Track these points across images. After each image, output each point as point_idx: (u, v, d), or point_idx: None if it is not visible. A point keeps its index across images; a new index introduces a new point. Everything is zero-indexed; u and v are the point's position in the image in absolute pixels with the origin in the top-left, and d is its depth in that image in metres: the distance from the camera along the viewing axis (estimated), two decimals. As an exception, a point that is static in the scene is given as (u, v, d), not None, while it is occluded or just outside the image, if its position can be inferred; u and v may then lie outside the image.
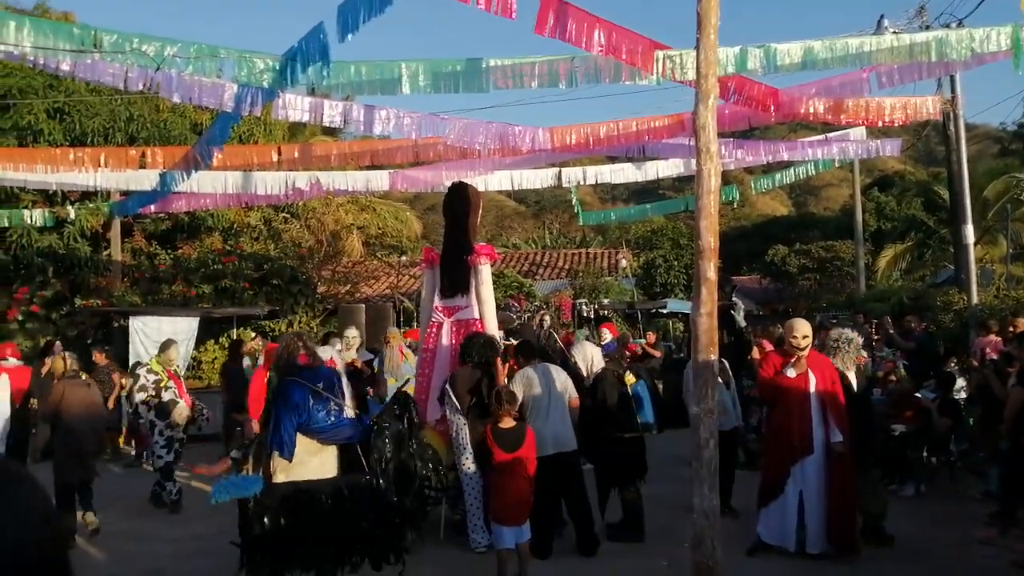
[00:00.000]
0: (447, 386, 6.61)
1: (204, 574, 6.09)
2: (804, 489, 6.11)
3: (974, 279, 13.79)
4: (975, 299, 13.36)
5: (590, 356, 7.32)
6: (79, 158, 9.46)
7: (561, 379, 6.59)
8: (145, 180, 10.08)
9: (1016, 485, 5.86)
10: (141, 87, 6.79)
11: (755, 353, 9.41)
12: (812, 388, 6.18)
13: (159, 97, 15.49)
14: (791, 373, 6.18)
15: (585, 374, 7.17)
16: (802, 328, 6.30)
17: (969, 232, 13.92)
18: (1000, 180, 21.33)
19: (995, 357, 8.77)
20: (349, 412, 5.35)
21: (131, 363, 9.68)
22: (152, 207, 11.81)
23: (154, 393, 8.13)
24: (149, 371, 8.31)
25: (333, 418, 5.07)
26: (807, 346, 6.25)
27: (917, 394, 8.85)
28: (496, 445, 5.65)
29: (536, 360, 6.74)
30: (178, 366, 9.00)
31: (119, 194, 13.68)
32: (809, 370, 6.18)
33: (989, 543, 6.16)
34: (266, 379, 7.52)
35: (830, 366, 6.45)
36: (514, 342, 8.33)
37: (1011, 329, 8.30)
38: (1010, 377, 6.88)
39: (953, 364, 10.23)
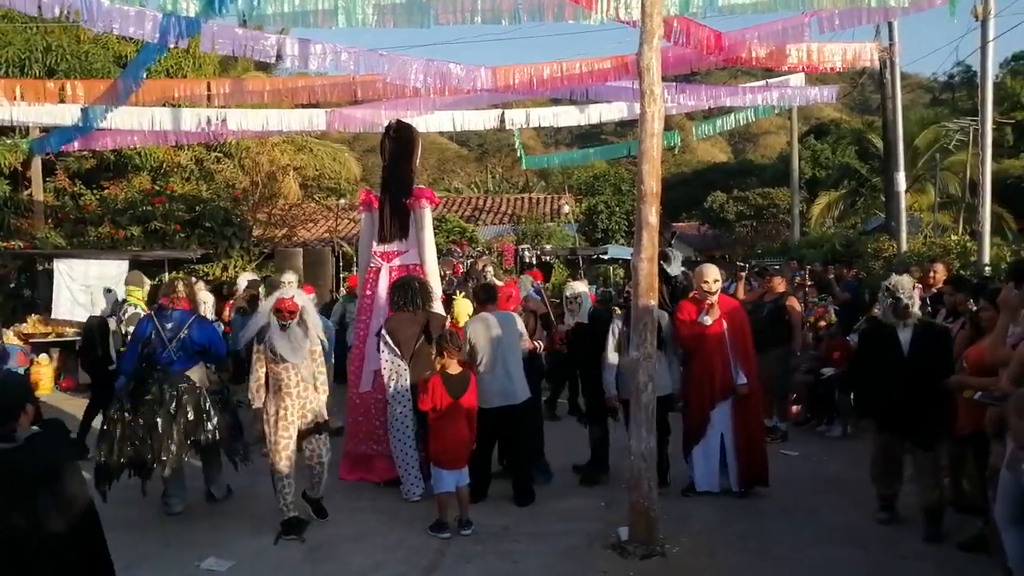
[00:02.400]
0: (384, 331, 6.50)
1: (139, 524, 5.95)
2: (724, 432, 6.33)
3: (904, 226, 14.20)
4: (904, 246, 13.78)
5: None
6: (-9, 90, 8.88)
7: (512, 327, 6.49)
8: (66, 115, 9.54)
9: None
10: (57, 13, 6.37)
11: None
12: (726, 333, 6.36)
13: (79, 26, 14.73)
14: (707, 320, 6.33)
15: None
16: (712, 272, 6.46)
17: (901, 180, 14.28)
18: (930, 129, 21.88)
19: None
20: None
21: (109, 301, 8.99)
22: (75, 144, 11.22)
23: None
24: (136, 307, 7.87)
25: (174, 355, 6.02)
26: (718, 290, 6.42)
27: (848, 338, 9.12)
28: (444, 389, 5.63)
29: (491, 305, 6.63)
30: None
31: (39, 130, 12.98)
32: (720, 315, 6.35)
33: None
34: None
35: (739, 308, 6.70)
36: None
37: (931, 275, 8.53)
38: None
39: (877, 310, 10.54)
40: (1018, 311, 4.70)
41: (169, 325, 6.11)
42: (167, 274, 13.70)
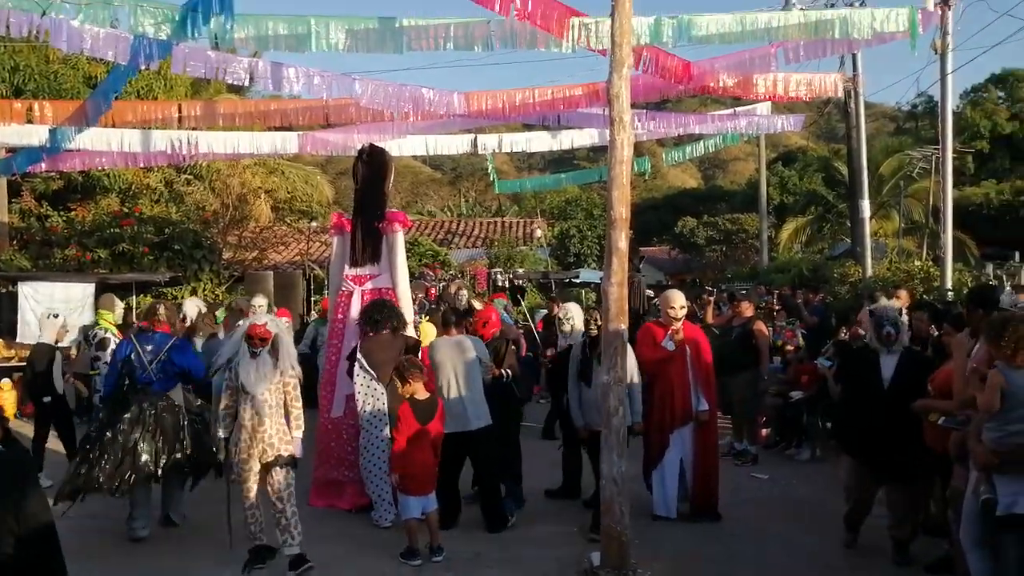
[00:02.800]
0: (359, 354, 6.46)
1: (102, 554, 5.81)
2: (684, 456, 6.38)
3: (868, 252, 14.46)
4: (869, 271, 14.02)
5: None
6: (-44, 110, 8.75)
7: (470, 352, 6.42)
8: (33, 135, 9.40)
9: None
10: (25, 33, 6.30)
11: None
12: (688, 359, 6.41)
13: (48, 46, 14.59)
14: (670, 346, 6.39)
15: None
16: (679, 299, 6.53)
17: (865, 207, 14.57)
18: (895, 157, 22.41)
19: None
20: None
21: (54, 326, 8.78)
22: (42, 165, 11.06)
23: None
24: (106, 331, 7.76)
25: (154, 376, 6.03)
26: (683, 316, 6.48)
27: (816, 362, 9.23)
28: (413, 415, 5.60)
29: (453, 330, 6.62)
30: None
31: (4, 150, 12.80)
32: (684, 341, 6.41)
33: None
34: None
35: (701, 335, 6.77)
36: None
37: (893, 301, 8.66)
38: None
39: (844, 334, 10.71)
40: (967, 351, 4.73)
41: (149, 347, 6.15)
42: (135, 297, 13.55)
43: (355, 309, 7.18)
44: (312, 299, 16.93)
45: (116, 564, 5.57)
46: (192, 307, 8.68)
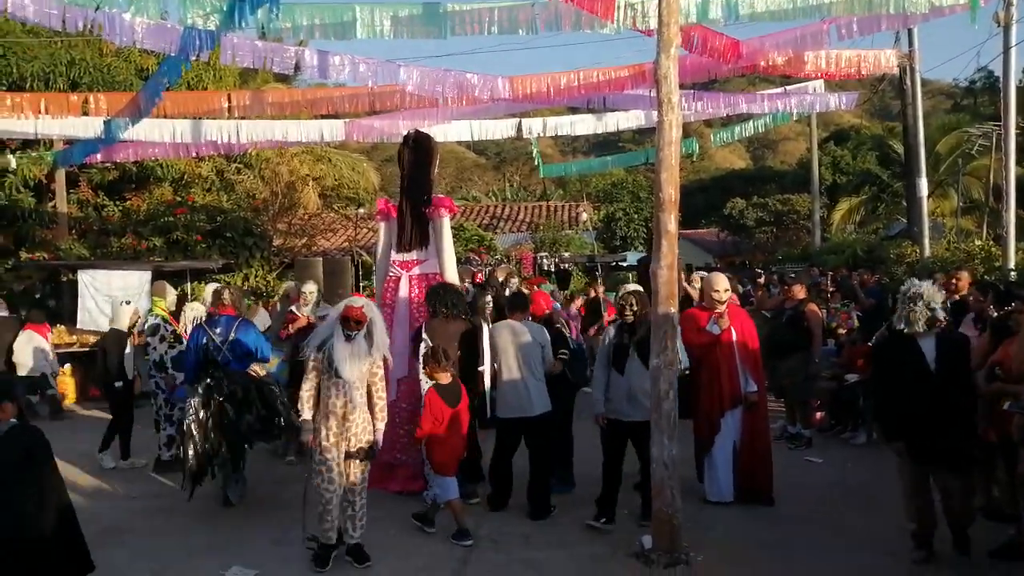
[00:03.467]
0: (424, 336, 6.43)
1: (164, 532, 6.01)
2: (736, 440, 6.31)
3: (927, 232, 14.07)
4: (927, 251, 13.65)
5: None
6: (17, 104, 9.00)
7: (535, 339, 6.25)
8: (89, 127, 9.66)
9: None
10: (81, 27, 6.46)
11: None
12: (734, 340, 6.33)
13: (102, 40, 14.93)
14: (716, 329, 6.30)
15: None
16: (722, 282, 6.43)
17: (923, 185, 14.16)
18: (952, 135, 21.68)
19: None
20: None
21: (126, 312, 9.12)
22: (98, 156, 11.36)
23: (173, 343, 7.87)
24: (157, 317, 8.00)
25: (229, 356, 6.46)
26: (728, 299, 6.38)
27: (871, 343, 9.03)
28: (443, 400, 5.64)
29: (519, 314, 6.49)
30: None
31: (62, 142, 13.17)
32: (729, 323, 6.33)
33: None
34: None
35: (746, 316, 6.68)
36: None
37: (953, 282, 8.38)
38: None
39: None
40: None
41: (218, 330, 6.61)
42: (189, 284, 13.86)
43: (403, 294, 7.24)
44: (361, 285, 17.12)
45: (176, 542, 5.74)
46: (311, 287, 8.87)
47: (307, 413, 5.20)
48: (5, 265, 15.06)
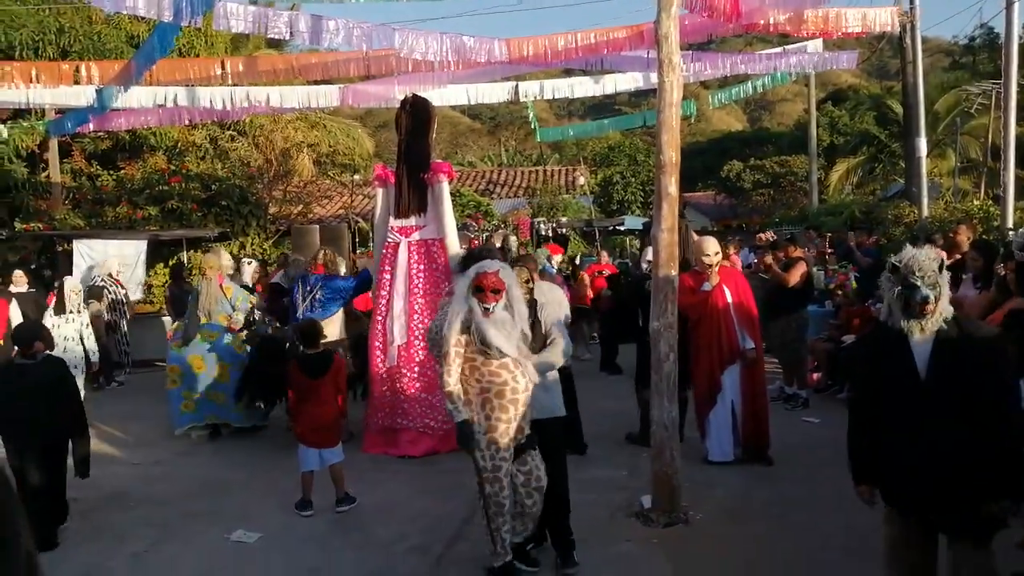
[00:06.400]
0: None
1: (167, 497, 6.07)
2: (734, 399, 6.37)
3: (925, 191, 14.04)
4: (925, 212, 13.63)
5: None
6: (7, 73, 8.90)
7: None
8: (81, 96, 9.56)
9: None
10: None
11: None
12: (729, 299, 6.38)
13: (91, 7, 14.70)
14: (707, 287, 6.36)
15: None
16: (712, 246, 6.45)
17: (922, 145, 14.08)
18: (951, 93, 21.52)
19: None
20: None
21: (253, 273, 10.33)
22: (90, 125, 11.26)
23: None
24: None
25: (317, 308, 7.55)
26: (718, 262, 6.42)
27: (868, 303, 9.06)
28: (299, 370, 5.76)
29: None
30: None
31: (54, 111, 13.03)
32: (723, 283, 6.38)
33: None
34: None
35: (741, 277, 6.74)
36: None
37: (952, 235, 8.35)
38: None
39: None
40: None
41: (307, 287, 7.78)
42: (185, 253, 13.82)
43: (402, 260, 7.23)
44: (357, 251, 17.09)
45: (180, 508, 5.80)
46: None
47: (465, 412, 4.28)
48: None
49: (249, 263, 10.96)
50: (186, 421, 7.82)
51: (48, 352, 5.35)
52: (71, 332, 8.49)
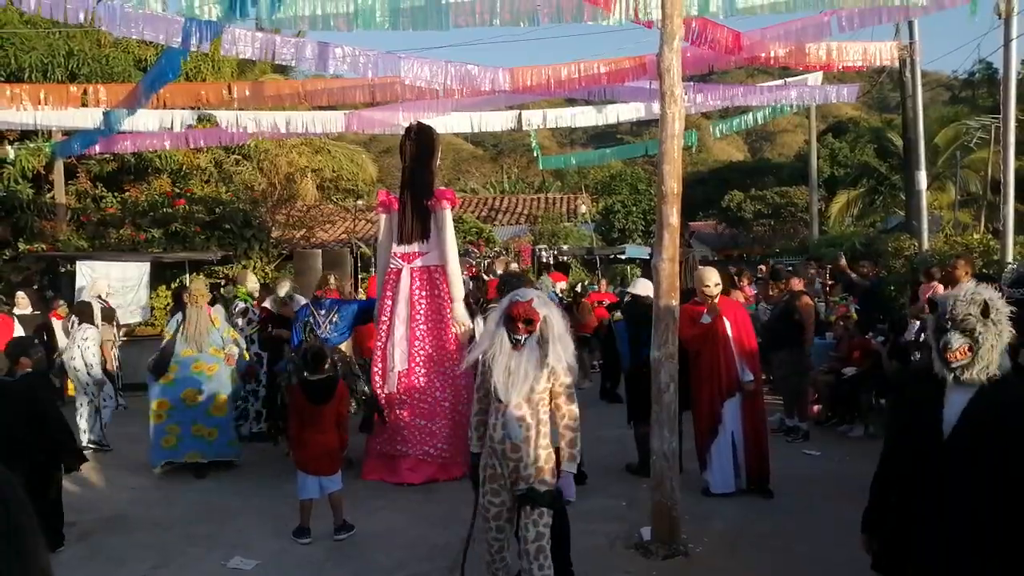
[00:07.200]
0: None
1: (165, 521, 6.04)
2: (734, 430, 6.37)
3: (925, 225, 14.07)
4: (926, 245, 13.65)
5: None
6: (16, 95, 8.97)
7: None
8: (88, 118, 9.64)
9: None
10: (82, 19, 6.44)
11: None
12: (729, 331, 6.40)
13: (100, 31, 14.86)
14: (707, 319, 6.38)
15: None
16: (712, 277, 6.51)
17: (922, 178, 14.14)
18: (950, 127, 21.65)
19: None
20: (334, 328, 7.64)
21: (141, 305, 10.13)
22: (96, 147, 11.34)
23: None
24: (244, 301, 9.01)
25: (328, 331, 7.48)
26: (718, 292, 6.47)
27: (868, 336, 9.06)
28: (302, 396, 5.71)
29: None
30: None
31: (61, 133, 13.13)
32: (723, 315, 6.40)
33: None
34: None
35: (741, 308, 6.80)
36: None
37: (950, 269, 8.36)
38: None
39: (903, 309, 10.44)
40: None
41: (323, 311, 7.66)
42: (188, 276, 13.85)
43: (404, 286, 7.25)
44: (359, 277, 17.12)
45: (177, 534, 5.77)
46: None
47: (475, 446, 4.14)
48: (3, 256, 15.03)
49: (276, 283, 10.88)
50: (164, 456, 7.38)
51: (31, 371, 5.33)
52: (76, 354, 8.44)
